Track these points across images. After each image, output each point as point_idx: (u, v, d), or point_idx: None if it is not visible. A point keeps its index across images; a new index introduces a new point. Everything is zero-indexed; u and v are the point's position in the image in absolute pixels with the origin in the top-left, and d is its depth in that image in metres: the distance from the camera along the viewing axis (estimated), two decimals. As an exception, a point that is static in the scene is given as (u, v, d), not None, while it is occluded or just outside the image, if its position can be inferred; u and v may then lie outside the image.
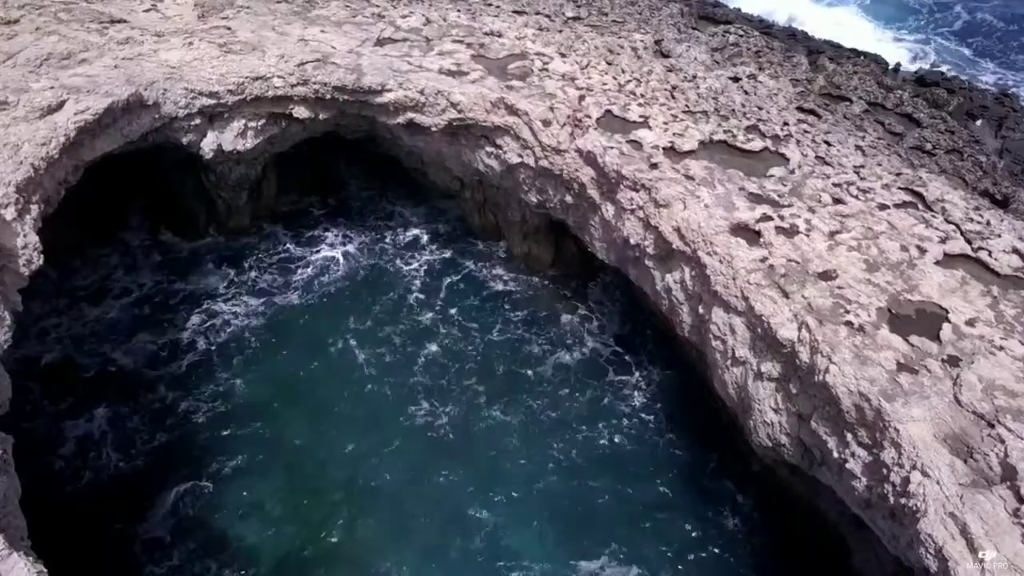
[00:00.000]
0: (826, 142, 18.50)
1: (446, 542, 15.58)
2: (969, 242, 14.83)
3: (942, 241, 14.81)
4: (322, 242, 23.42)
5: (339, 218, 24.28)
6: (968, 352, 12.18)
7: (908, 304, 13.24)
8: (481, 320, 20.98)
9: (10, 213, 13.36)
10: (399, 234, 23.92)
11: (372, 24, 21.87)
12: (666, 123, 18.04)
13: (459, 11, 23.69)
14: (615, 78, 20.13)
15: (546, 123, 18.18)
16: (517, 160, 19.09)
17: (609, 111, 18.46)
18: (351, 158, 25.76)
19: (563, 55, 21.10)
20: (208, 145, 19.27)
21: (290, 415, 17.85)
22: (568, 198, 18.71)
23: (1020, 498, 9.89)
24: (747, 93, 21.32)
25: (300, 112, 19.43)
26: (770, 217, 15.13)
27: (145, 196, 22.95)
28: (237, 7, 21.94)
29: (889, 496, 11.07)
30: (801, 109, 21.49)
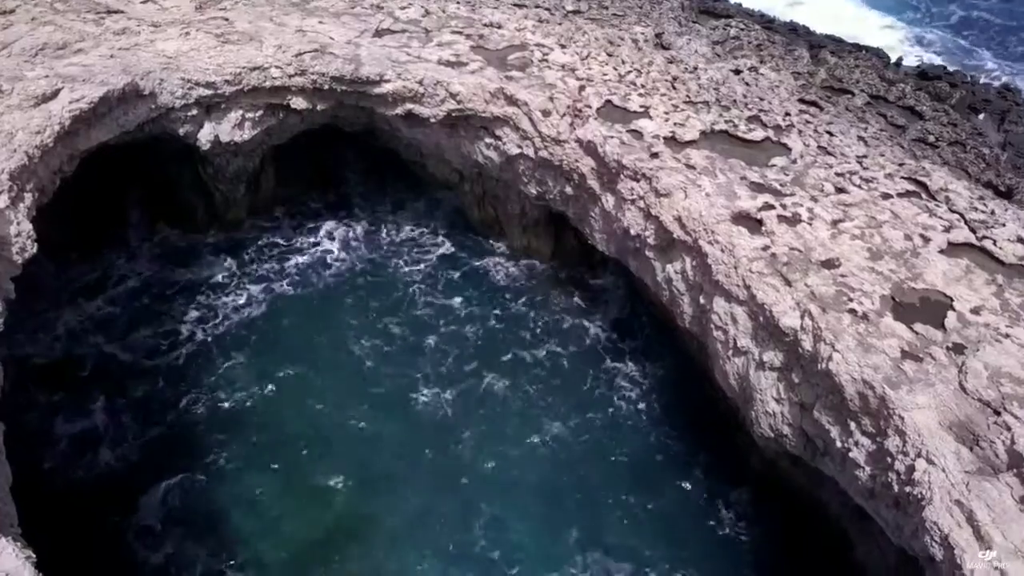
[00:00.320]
0: (828, 132, 18.34)
1: (442, 532, 15.46)
2: (973, 231, 14.65)
3: (946, 230, 14.64)
4: (321, 235, 23.25)
5: (338, 211, 24.11)
6: (973, 340, 12.01)
7: (912, 292, 13.07)
8: (479, 312, 20.83)
9: (3, 201, 13.24)
10: (398, 227, 23.76)
11: (371, 15, 21.72)
12: (667, 113, 17.88)
13: (458, 2, 23.53)
14: (615, 69, 19.96)
15: (546, 113, 18.01)
16: (516, 151, 18.92)
17: (609, 101, 18.29)
18: (350, 152, 25.59)
19: (563, 46, 20.94)
20: (205, 136, 19.13)
21: (288, 406, 17.73)
22: (568, 189, 18.55)
23: (1027, 485, 9.73)
24: (748, 85, 21.16)
25: (298, 103, 19.28)
26: (772, 206, 14.96)
27: (143, 189, 22.75)
28: (235, -2, 21.82)
29: (893, 484, 10.90)
30: (803, 101, 21.33)
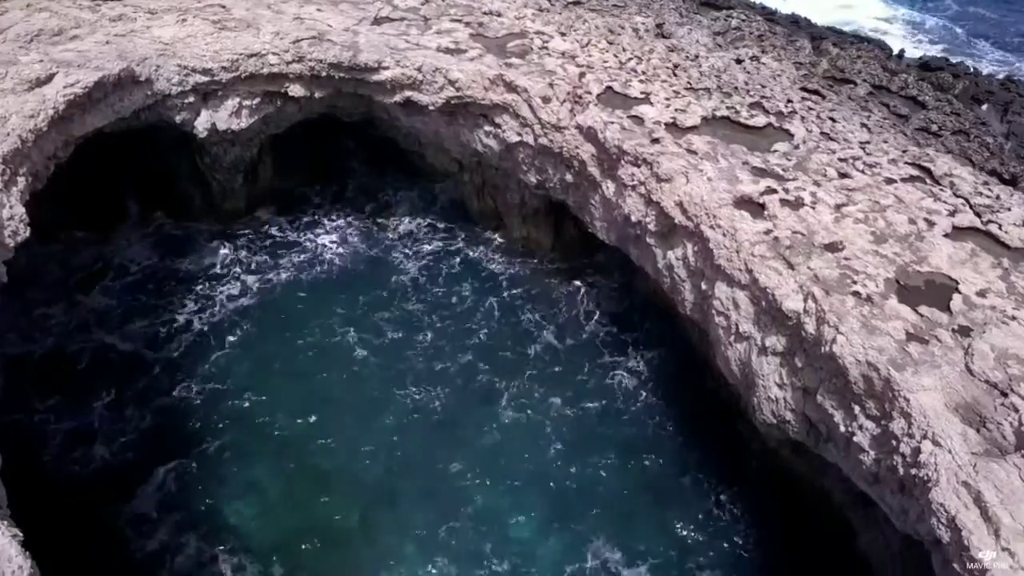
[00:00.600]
0: (831, 119, 18.16)
1: (437, 523, 15.19)
2: (979, 215, 14.46)
3: (951, 214, 14.44)
4: (318, 227, 23.07)
5: (336, 203, 23.92)
6: (980, 322, 11.82)
7: (917, 275, 12.87)
8: (477, 304, 20.60)
9: (-4, 183, 13.07)
10: (396, 219, 23.53)
11: (369, 3, 21.56)
12: (668, 99, 17.70)
13: (458, -9, 23.36)
14: (616, 56, 19.79)
15: (545, 100, 17.84)
16: (516, 139, 18.75)
17: (610, 87, 18.11)
18: (348, 144, 25.44)
19: (563, 34, 20.77)
20: (202, 124, 18.97)
21: (283, 399, 17.47)
22: (568, 177, 18.37)
23: (1036, 466, 9.55)
24: (750, 73, 20.99)
25: (295, 90, 19.11)
26: (774, 190, 14.76)
27: (140, 179, 22.59)
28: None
29: (898, 468, 10.70)
30: (805, 89, 21.16)
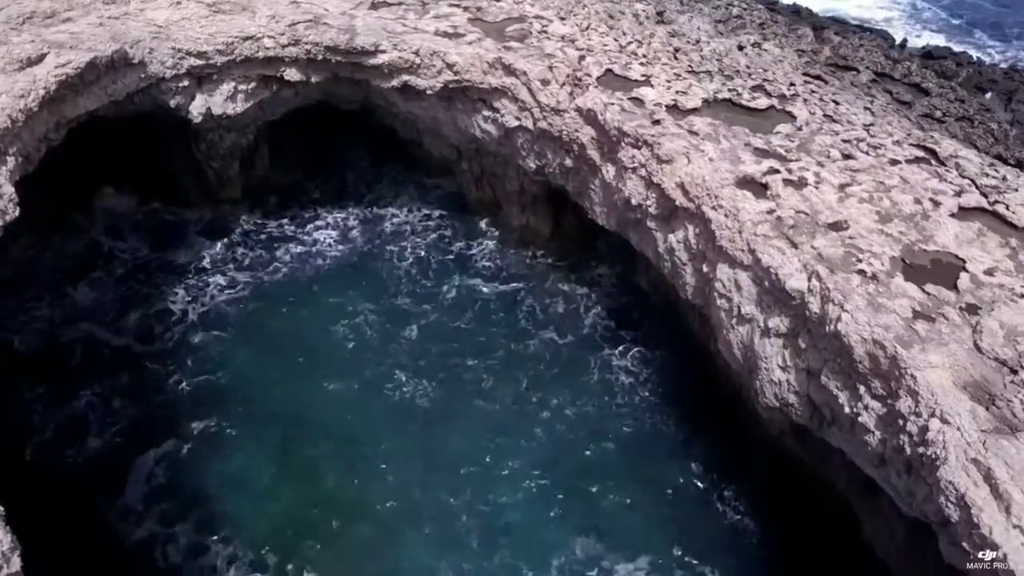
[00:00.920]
0: (834, 101, 17.91)
1: (428, 514, 14.91)
2: (985, 195, 14.19)
3: (957, 194, 14.18)
4: (314, 219, 22.73)
5: (332, 195, 23.54)
6: (988, 300, 11.56)
7: (923, 254, 12.62)
8: (474, 297, 20.25)
9: (-16, 161, 12.85)
10: (393, 211, 23.19)
11: (367, -12, 21.29)
12: (668, 81, 17.45)
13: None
14: (616, 40, 19.54)
15: (545, 83, 17.60)
16: (515, 123, 18.50)
17: (610, 70, 17.86)
18: (346, 136, 25.19)
19: (562, 18, 20.52)
20: (197, 108, 18.75)
21: (275, 390, 17.15)
22: (567, 161, 18.11)
23: (1047, 443, 9.29)
24: (751, 58, 20.75)
25: (291, 74, 18.88)
26: (777, 170, 14.51)
27: (135, 167, 22.36)
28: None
29: (905, 447, 10.44)
30: (807, 75, 20.92)
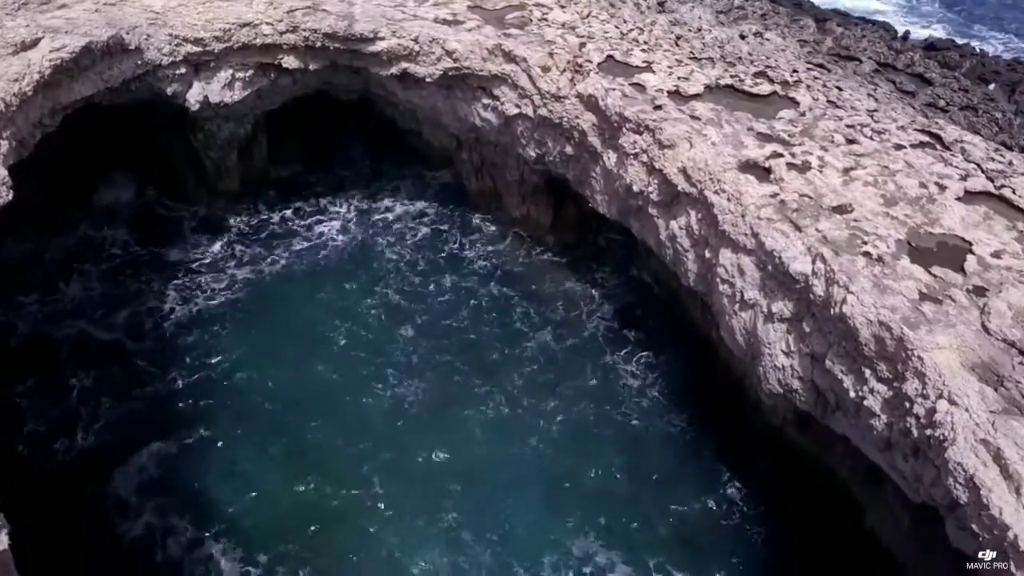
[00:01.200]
0: (837, 88, 17.73)
1: (423, 511, 14.71)
2: (991, 180, 14.02)
3: (962, 179, 14.00)
4: (312, 212, 22.54)
5: (330, 188, 23.38)
6: (995, 282, 11.39)
7: (929, 237, 12.44)
8: (473, 293, 20.04)
9: (-23, 143, 12.68)
10: (392, 205, 23.02)
11: (365, -24, 21.11)
12: (670, 67, 17.27)
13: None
14: (617, 27, 19.37)
15: (545, 69, 17.41)
16: (515, 111, 18.32)
17: (611, 57, 17.68)
18: (345, 128, 25.03)
19: (562, 6, 20.34)
20: (194, 96, 18.58)
21: (269, 386, 17.00)
22: (568, 149, 17.93)
23: (1058, 423, 9.11)
24: (753, 47, 20.58)
25: (289, 62, 18.71)
26: (780, 155, 14.33)
27: (134, 159, 22.21)
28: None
29: (912, 430, 10.27)
30: (810, 63, 20.75)
